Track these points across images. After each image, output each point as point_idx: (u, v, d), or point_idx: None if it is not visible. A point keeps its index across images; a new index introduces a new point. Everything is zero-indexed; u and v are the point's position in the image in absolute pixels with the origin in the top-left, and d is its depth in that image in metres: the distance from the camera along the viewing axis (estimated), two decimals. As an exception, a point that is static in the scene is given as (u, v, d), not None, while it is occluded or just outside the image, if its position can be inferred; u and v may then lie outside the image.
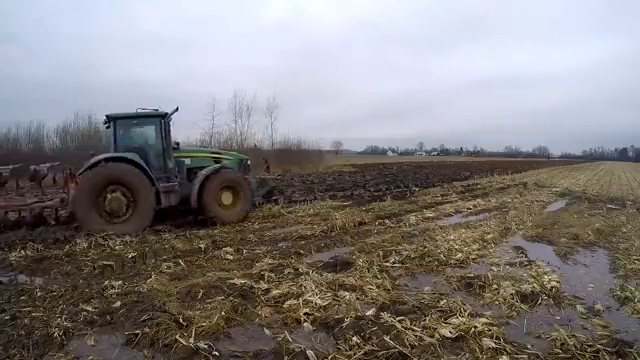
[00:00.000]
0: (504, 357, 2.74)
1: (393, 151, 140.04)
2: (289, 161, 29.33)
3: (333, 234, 6.87)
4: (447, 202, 11.25)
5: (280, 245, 6.05)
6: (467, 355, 2.78)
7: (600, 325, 3.31)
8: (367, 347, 2.83)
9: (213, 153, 9.09)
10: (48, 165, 7.76)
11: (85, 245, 5.79)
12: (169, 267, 4.84)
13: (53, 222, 7.29)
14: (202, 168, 8.06)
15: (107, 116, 7.62)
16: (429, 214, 8.99)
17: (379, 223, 7.88)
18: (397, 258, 5.12)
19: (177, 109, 7.70)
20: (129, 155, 7.10)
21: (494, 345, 2.87)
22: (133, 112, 7.78)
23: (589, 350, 2.82)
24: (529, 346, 2.92)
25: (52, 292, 3.97)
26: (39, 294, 3.91)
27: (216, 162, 8.47)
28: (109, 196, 6.79)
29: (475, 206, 10.56)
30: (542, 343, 3.02)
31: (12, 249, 5.54)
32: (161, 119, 7.71)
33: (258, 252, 5.52)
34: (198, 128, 30.26)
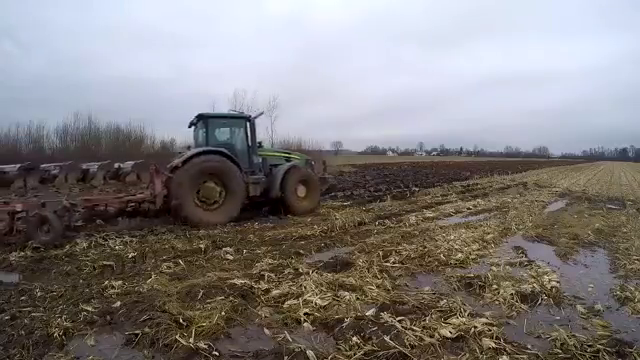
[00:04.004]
0: (504, 357, 2.73)
1: (393, 151, 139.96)
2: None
3: (333, 234, 6.86)
4: (447, 202, 11.26)
5: (280, 245, 6.04)
6: (467, 355, 2.77)
7: (600, 325, 3.31)
8: (367, 347, 2.83)
9: (285, 153, 10.08)
10: (132, 163, 8.26)
11: (85, 245, 5.78)
12: (169, 267, 4.84)
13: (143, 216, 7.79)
14: (276, 165, 8.98)
15: (199, 115, 8.41)
16: (429, 214, 8.98)
17: (379, 223, 7.87)
18: (397, 258, 5.12)
19: (262, 113, 8.68)
20: (223, 149, 7.84)
21: (494, 345, 2.86)
22: (224, 112, 8.72)
23: (589, 350, 2.82)
24: (529, 346, 2.92)
25: (52, 292, 3.96)
26: (39, 294, 3.90)
27: (287, 161, 9.41)
28: (205, 185, 7.54)
29: (475, 206, 10.56)
30: (542, 343, 3.01)
31: (12, 249, 5.53)
32: (247, 120, 8.62)
33: (258, 252, 5.52)
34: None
